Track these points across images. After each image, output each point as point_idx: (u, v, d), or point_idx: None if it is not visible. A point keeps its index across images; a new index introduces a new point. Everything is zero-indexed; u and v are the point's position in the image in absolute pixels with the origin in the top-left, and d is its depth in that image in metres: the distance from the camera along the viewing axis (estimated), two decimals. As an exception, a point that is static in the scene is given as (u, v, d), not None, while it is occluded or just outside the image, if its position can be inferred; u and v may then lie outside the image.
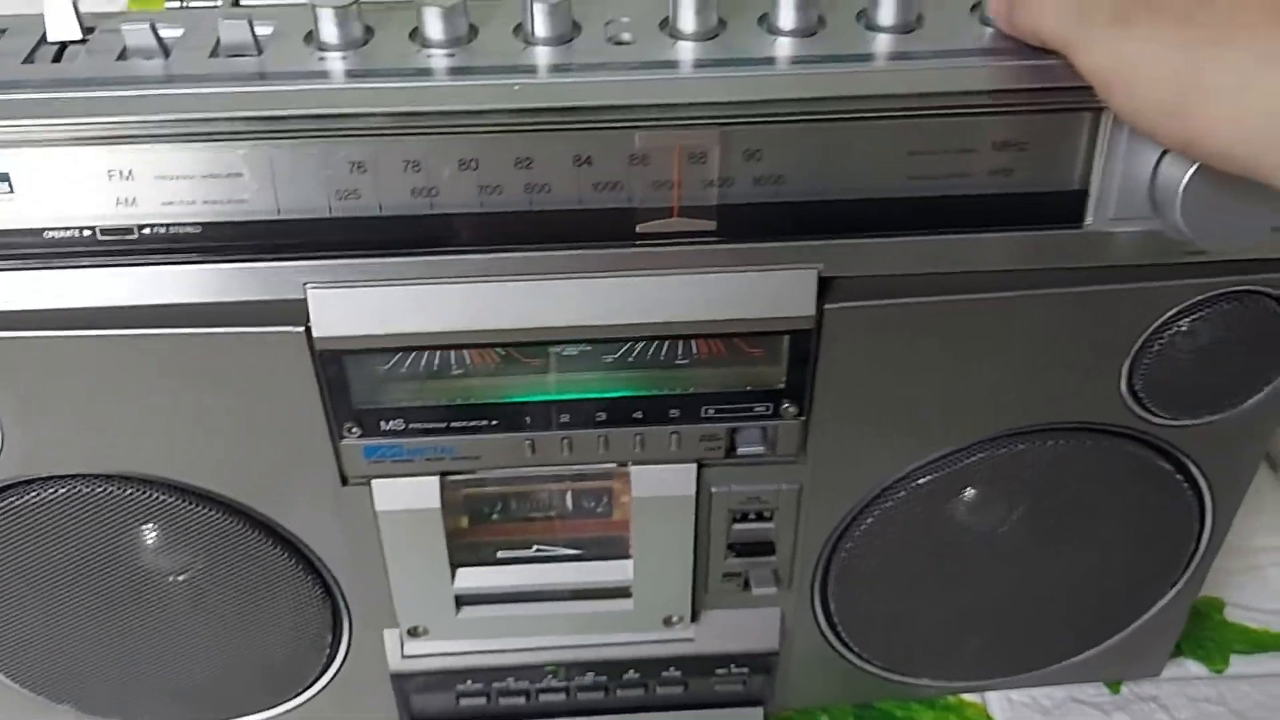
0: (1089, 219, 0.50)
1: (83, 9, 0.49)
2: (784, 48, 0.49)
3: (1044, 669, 0.71)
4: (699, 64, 0.48)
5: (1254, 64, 0.37)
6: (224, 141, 0.45)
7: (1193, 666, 0.77)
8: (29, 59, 0.48)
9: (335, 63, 0.48)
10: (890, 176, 0.48)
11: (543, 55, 0.49)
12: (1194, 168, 0.46)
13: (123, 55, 0.48)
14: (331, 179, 0.46)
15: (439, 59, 0.48)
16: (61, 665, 0.63)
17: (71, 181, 0.45)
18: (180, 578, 0.59)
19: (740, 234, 0.49)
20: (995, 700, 0.74)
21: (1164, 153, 0.47)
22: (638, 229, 0.49)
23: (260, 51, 0.48)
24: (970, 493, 0.60)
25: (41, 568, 0.57)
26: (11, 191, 0.45)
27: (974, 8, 0.50)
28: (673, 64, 0.48)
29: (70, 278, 0.48)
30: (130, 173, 0.45)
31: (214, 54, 0.48)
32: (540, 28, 0.49)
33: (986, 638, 0.68)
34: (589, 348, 0.52)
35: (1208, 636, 0.79)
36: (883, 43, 0.49)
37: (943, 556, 0.62)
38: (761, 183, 0.48)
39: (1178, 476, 0.60)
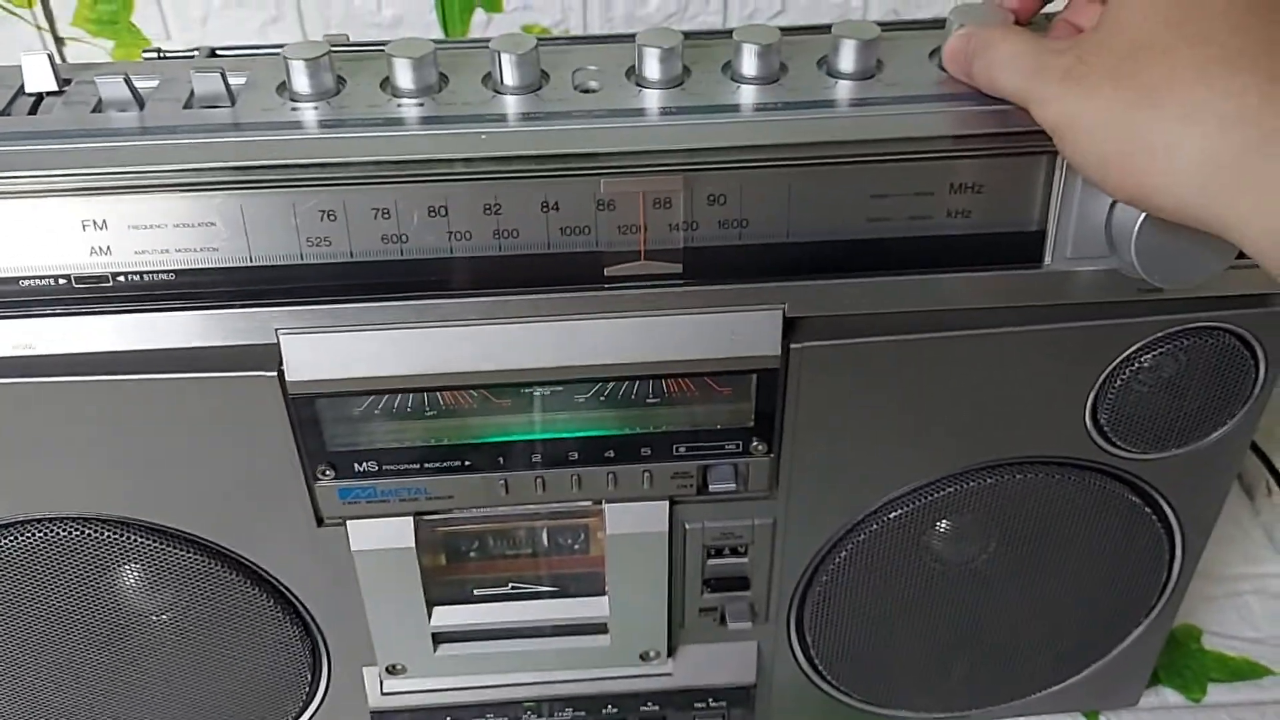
0: (1048, 259, 0.51)
1: (70, 59, 0.50)
2: (747, 95, 0.50)
3: (1022, 699, 0.72)
4: (664, 111, 0.49)
5: (1180, 120, 0.38)
6: (197, 191, 0.46)
7: (1170, 696, 0.77)
8: (5, 111, 0.49)
9: (308, 113, 0.49)
10: (851, 219, 0.49)
11: (511, 104, 0.50)
12: (1148, 208, 0.47)
13: (98, 107, 0.49)
14: (302, 227, 0.47)
15: (409, 108, 0.49)
16: (38, 709, 0.63)
17: (46, 231, 0.46)
18: (158, 620, 0.59)
19: (706, 276, 0.50)
20: (974, 731, 0.74)
21: (1120, 191, 0.48)
22: (605, 272, 0.49)
23: (233, 102, 0.49)
24: (942, 526, 0.61)
25: (17, 612, 0.57)
26: (-14, 242, 0.46)
27: (932, 54, 0.51)
28: (639, 111, 0.49)
29: (44, 325, 0.48)
30: (104, 222, 0.46)
31: (188, 105, 0.49)
32: (509, 77, 0.50)
33: (964, 669, 0.68)
34: (560, 389, 0.53)
35: (1185, 665, 0.79)
36: (843, 89, 0.50)
37: (917, 589, 0.63)
38: (726, 226, 0.49)
39: (1146, 509, 0.61)
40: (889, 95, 0.50)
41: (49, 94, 0.50)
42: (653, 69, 0.50)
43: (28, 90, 0.50)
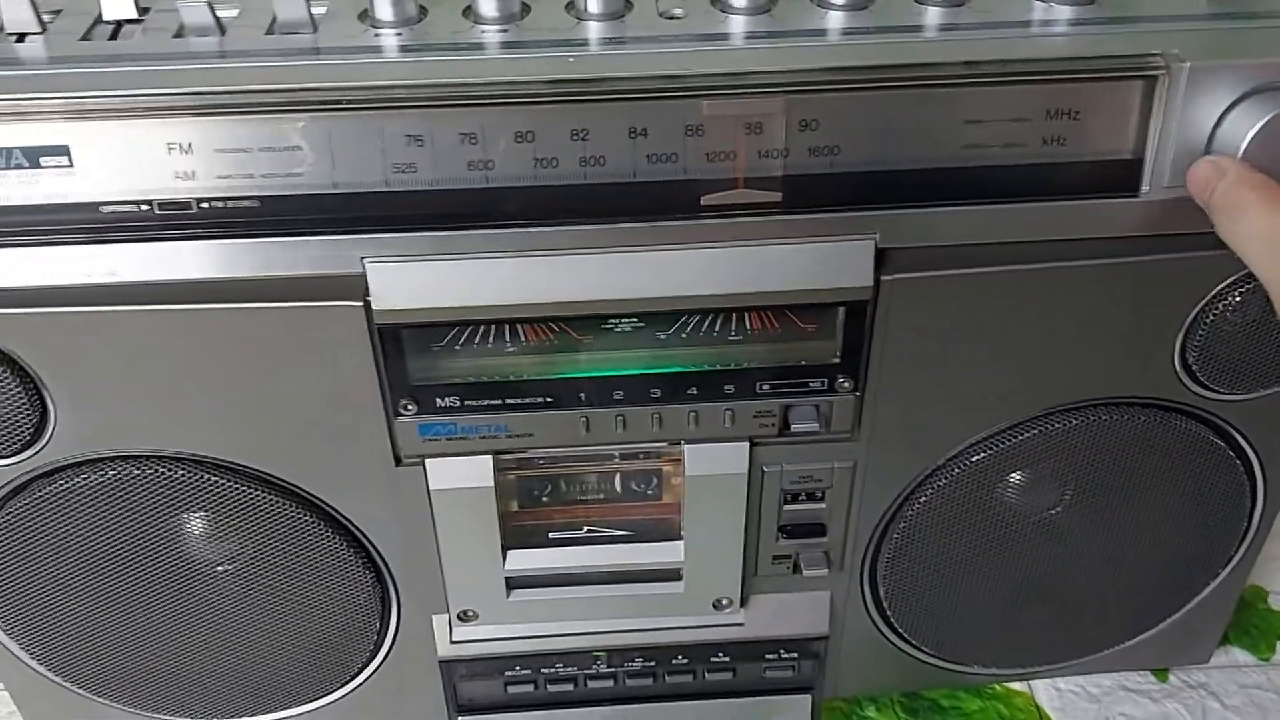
0: (1145, 187, 0.49)
1: None
2: (835, 20, 0.49)
3: (1093, 655, 0.70)
4: (751, 36, 0.49)
5: None
6: (281, 114, 0.45)
7: (1240, 655, 0.76)
8: (86, 37, 0.48)
9: (389, 39, 0.48)
10: (945, 146, 0.48)
11: (595, 30, 0.49)
12: (1251, 134, 0.46)
13: (179, 33, 0.48)
14: (389, 152, 0.46)
15: (492, 34, 0.49)
16: (109, 658, 0.62)
17: (130, 155, 0.46)
18: (231, 563, 0.58)
19: (798, 205, 0.49)
20: (1042, 689, 0.73)
21: (1220, 119, 0.47)
22: (702, 201, 0.48)
23: (315, 29, 0.48)
24: (1023, 471, 0.59)
25: (91, 554, 0.57)
26: (70, 165, 0.46)
27: (1025, -17, 0.50)
28: (725, 36, 0.49)
29: (126, 252, 0.48)
30: (189, 146, 0.46)
31: (270, 31, 0.49)
32: (592, 4, 0.49)
33: (1038, 622, 0.67)
34: (642, 324, 0.52)
35: (1252, 624, 0.78)
36: (933, 15, 0.50)
37: (994, 538, 0.61)
38: (817, 153, 0.48)
39: (1230, 452, 0.59)
40: (980, 21, 0.49)
41: (128, 22, 0.49)
42: (740, -5, 0.49)
43: (105, 18, 0.49)
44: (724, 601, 0.62)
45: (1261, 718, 0.72)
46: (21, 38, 0.48)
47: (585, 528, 0.60)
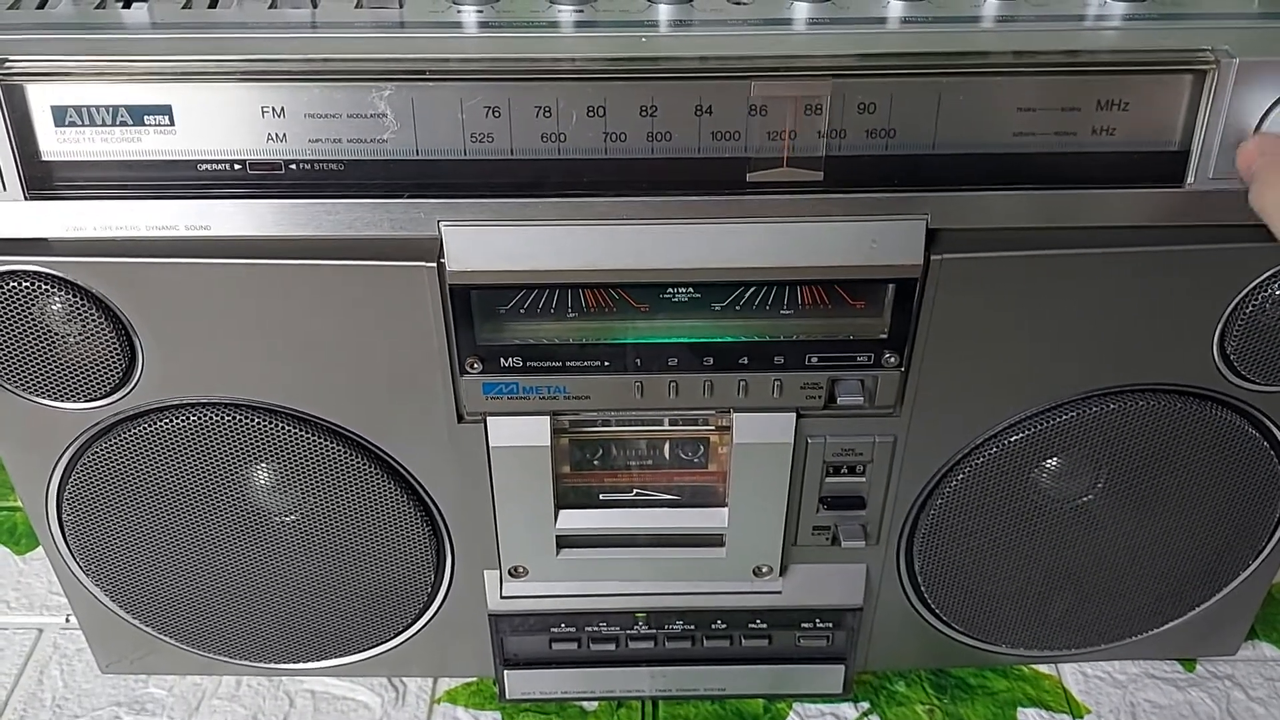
0: (1190, 178, 0.51)
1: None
2: (895, 9, 0.51)
3: (1122, 641, 0.72)
4: (814, 22, 0.51)
5: None
6: (368, 83, 0.48)
7: (1267, 649, 0.77)
8: (187, 5, 0.51)
9: (471, 15, 0.51)
10: (998, 132, 0.50)
11: (665, 12, 0.51)
12: (1296, 129, 0.48)
13: (274, 3, 0.51)
14: (468, 122, 0.49)
15: (568, 14, 0.51)
16: (177, 599, 0.65)
17: (227, 116, 0.48)
18: (298, 511, 0.61)
19: (851, 184, 0.51)
20: (1069, 673, 0.75)
21: (1266, 114, 0.49)
22: (748, 178, 0.51)
23: (402, 4, 0.51)
24: (1059, 454, 0.61)
25: (167, 498, 0.60)
26: (172, 125, 0.49)
27: (1081, -23, 0.52)
28: (788, 21, 0.51)
29: (218, 208, 0.50)
30: (281, 110, 0.48)
31: (359, 5, 0.51)
32: (664, -13, 0.51)
33: (1067, 606, 0.69)
34: (699, 294, 0.54)
35: (1281, 620, 0.79)
36: (991, 7, 0.52)
37: (1029, 519, 0.63)
38: (874, 135, 0.50)
39: (1265, 443, 0.61)
40: (1035, 14, 0.51)
41: (226, -9, 0.52)
42: (804, -18, 0.51)
43: (205, -13, 0.52)
44: (764, 569, 0.65)
45: (1286, 710, 0.73)
46: (128, 3, 0.51)
47: (634, 491, 0.62)
